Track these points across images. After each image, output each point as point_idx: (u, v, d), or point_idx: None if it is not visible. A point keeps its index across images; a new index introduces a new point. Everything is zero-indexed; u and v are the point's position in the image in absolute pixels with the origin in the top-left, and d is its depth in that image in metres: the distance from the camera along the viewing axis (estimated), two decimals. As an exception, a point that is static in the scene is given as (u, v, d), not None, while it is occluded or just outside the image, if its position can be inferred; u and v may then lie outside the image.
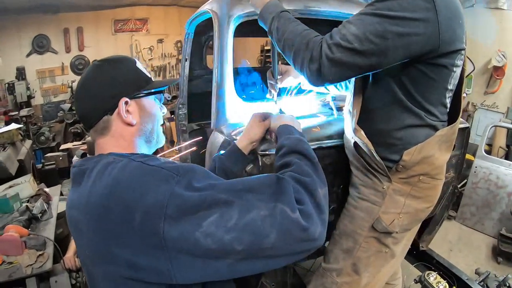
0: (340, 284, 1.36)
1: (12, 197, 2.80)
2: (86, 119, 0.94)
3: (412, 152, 1.15)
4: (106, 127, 0.91)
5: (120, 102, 0.90)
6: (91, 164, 0.85)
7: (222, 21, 1.67)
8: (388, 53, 1.00)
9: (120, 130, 0.92)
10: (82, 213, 0.81)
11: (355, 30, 1.00)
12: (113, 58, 0.97)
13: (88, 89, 0.92)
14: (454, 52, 1.06)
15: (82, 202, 0.81)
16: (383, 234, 1.28)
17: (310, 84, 1.13)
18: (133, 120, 0.92)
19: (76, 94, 0.96)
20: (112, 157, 0.84)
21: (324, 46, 1.03)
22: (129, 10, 7.73)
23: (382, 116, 1.19)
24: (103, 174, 0.78)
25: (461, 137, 1.87)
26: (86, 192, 0.80)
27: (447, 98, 1.16)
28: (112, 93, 0.90)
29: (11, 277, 2.14)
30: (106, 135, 0.92)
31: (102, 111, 0.91)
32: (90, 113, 0.92)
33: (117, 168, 0.77)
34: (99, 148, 0.93)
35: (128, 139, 0.93)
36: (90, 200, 0.77)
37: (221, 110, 1.59)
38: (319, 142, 1.38)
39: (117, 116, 0.91)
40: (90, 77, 0.93)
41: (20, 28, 6.77)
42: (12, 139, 4.16)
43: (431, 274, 2.13)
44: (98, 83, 0.91)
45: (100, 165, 0.82)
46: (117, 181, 0.75)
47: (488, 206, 3.55)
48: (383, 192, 1.24)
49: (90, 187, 0.79)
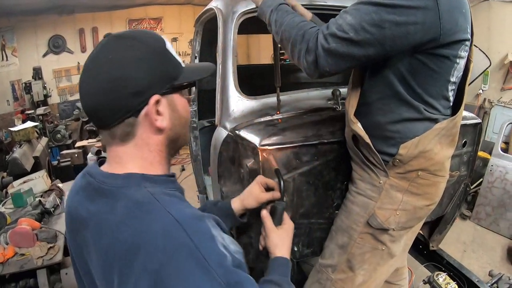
0: (334, 280, 1.34)
1: (26, 192, 2.89)
2: (97, 119, 0.71)
3: (409, 146, 1.12)
4: (128, 133, 0.70)
5: (150, 101, 0.68)
6: (115, 186, 0.69)
7: (226, 17, 1.68)
8: (385, 42, 0.98)
9: (146, 137, 0.72)
10: (97, 242, 0.68)
11: (351, 20, 0.98)
12: (136, 35, 0.72)
13: (103, 79, 0.67)
14: (456, 43, 1.02)
15: (98, 231, 0.68)
16: (378, 231, 1.24)
17: (308, 75, 1.11)
18: (164, 124, 0.72)
19: (84, 83, 0.70)
20: (142, 191, 0.67)
21: (320, 37, 1.02)
22: (143, 10, 7.83)
23: (380, 108, 1.16)
24: (134, 218, 0.63)
25: (473, 134, 1.82)
26: (107, 223, 0.66)
27: (449, 91, 1.12)
28: (138, 86, 0.67)
29: (22, 268, 2.22)
30: (127, 143, 0.71)
31: (124, 111, 0.68)
32: (105, 112, 0.69)
33: (156, 233, 0.60)
34: (115, 158, 0.73)
35: (154, 149, 0.73)
36: (115, 244, 0.63)
37: (225, 106, 1.60)
38: (321, 137, 1.36)
39: (145, 118, 0.70)
40: (105, 62, 0.68)
41: (36, 29, 6.95)
42: (28, 137, 4.30)
43: (441, 275, 2.08)
44: (116, 71, 0.67)
45: (128, 199, 0.66)
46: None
47: (504, 206, 3.45)
48: (379, 187, 1.21)
49: (117, 225, 0.64)
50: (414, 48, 1.01)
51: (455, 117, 1.14)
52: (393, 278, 1.82)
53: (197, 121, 2.71)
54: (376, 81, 1.14)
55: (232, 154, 1.47)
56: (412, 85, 1.08)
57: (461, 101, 1.19)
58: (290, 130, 1.36)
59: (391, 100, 1.13)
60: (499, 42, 4.15)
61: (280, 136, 1.32)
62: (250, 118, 1.51)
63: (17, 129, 4.32)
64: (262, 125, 1.43)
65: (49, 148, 5.36)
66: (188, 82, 0.76)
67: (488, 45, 4.23)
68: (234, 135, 1.43)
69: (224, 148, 1.47)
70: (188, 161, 5.50)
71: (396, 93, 1.10)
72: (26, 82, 6.67)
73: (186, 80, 0.75)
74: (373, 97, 1.18)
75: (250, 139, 1.33)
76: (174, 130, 0.75)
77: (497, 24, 4.19)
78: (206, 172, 2.67)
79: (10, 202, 2.91)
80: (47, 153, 4.72)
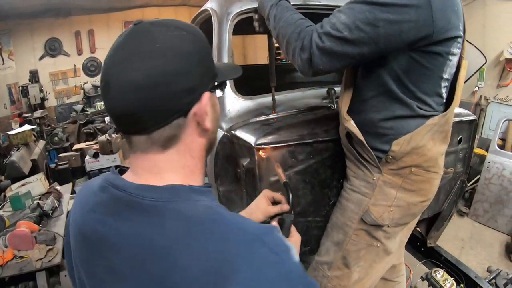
0: (330, 277, 1.35)
1: (24, 195, 2.89)
2: (134, 121, 0.57)
3: (401, 142, 1.13)
4: (174, 137, 0.60)
5: (204, 98, 0.60)
6: (159, 201, 0.58)
7: (221, 18, 1.68)
8: (379, 41, 0.99)
9: (190, 141, 0.62)
10: (136, 270, 0.56)
11: (345, 19, 0.99)
12: (180, 25, 0.61)
13: (148, 71, 0.55)
14: (449, 40, 1.03)
15: (139, 256, 0.56)
16: (373, 227, 1.25)
17: (302, 73, 1.12)
18: (209, 125, 0.63)
19: (115, 73, 0.56)
20: (197, 205, 0.58)
21: (314, 35, 1.03)
22: (140, 12, 7.82)
23: (373, 106, 1.17)
24: (196, 239, 0.53)
25: (468, 130, 1.83)
26: (155, 247, 0.54)
27: (442, 87, 1.13)
28: (192, 82, 0.58)
29: (21, 270, 2.22)
30: (169, 150, 0.61)
31: (173, 110, 0.58)
32: (153, 112, 0.56)
33: (235, 253, 0.52)
34: (151, 168, 0.62)
35: (197, 154, 0.65)
36: (175, 271, 0.52)
37: (220, 106, 1.60)
38: (316, 135, 1.37)
39: (193, 119, 0.61)
40: (150, 50, 0.56)
41: (33, 32, 6.94)
42: (26, 140, 4.29)
43: (438, 271, 2.09)
44: (168, 63, 0.55)
45: (183, 215, 0.56)
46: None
47: (501, 203, 3.46)
48: (373, 183, 1.22)
49: (172, 248, 0.53)
50: (408, 46, 1.02)
51: (447, 113, 1.15)
52: (391, 275, 1.83)
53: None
54: (369, 79, 1.15)
55: (228, 153, 1.47)
56: (406, 83, 1.09)
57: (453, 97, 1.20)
58: (286, 129, 1.37)
59: (384, 98, 1.14)
60: (494, 39, 4.16)
61: (276, 135, 1.32)
62: (246, 118, 1.52)
63: (14, 133, 4.32)
64: (258, 124, 1.44)
65: (47, 151, 5.36)
66: (225, 79, 0.69)
67: (484, 43, 4.25)
68: (230, 135, 1.44)
69: (220, 148, 1.48)
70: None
71: (389, 91, 1.11)
72: (23, 86, 6.65)
73: (225, 78, 0.68)
74: (366, 95, 1.19)
75: (246, 139, 1.33)
76: (214, 133, 0.68)
77: (492, 21, 4.20)
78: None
79: (8, 205, 2.91)
80: (44, 156, 4.71)
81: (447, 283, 1.99)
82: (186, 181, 0.62)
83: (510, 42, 3.93)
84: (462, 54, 1.15)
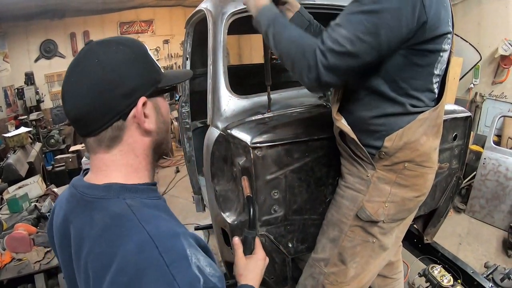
0: (327, 274, 1.35)
1: (21, 197, 2.89)
2: (84, 124, 0.69)
3: (394, 138, 1.13)
4: (116, 137, 0.70)
5: (139, 103, 0.69)
6: (95, 197, 0.68)
7: (216, 18, 1.68)
8: (382, 48, 1.00)
9: (132, 142, 0.71)
10: (78, 258, 0.67)
11: (345, 33, 0.99)
12: (120, 40, 0.73)
13: (91, 82, 0.66)
14: (440, 37, 1.04)
15: (80, 245, 0.67)
16: (368, 223, 1.26)
17: (310, 91, 1.13)
18: (151, 126, 0.72)
19: (68, 87, 0.69)
20: (120, 203, 0.66)
21: (318, 54, 1.02)
22: (134, 12, 7.80)
23: (364, 105, 1.18)
24: (110, 232, 0.63)
25: (463, 127, 1.84)
26: (87, 237, 0.65)
27: (434, 83, 1.14)
28: (127, 89, 0.68)
29: (20, 273, 2.22)
30: (112, 149, 0.70)
31: (112, 114, 0.68)
32: (94, 116, 0.67)
33: (129, 248, 0.59)
34: (101, 167, 0.72)
35: (140, 153, 0.73)
36: (92, 258, 0.63)
37: (216, 106, 1.61)
38: (311, 134, 1.38)
39: (132, 121, 0.70)
40: (92, 64, 0.67)
41: (28, 34, 6.89)
42: (22, 143, 4.28)
43: (436, 268, 2.10)
44: (105, 73, 0.66)
45: (105, 211, 0.65)
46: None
47: (497, 199, 3.48)
48: (367, 180, 1.22)
49: (94, 238, 0.64)
50: (402, 45, 1.03)
51: (437, 107, 1.16)
52: (389, 272, 1.84)
53: (190, 122, 2.71)
54: (359, 80, 1.15)
55: (224, 153, 1.48)
56: (397, 81, 1.09)
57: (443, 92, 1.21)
58: (281, 127, 1.38)
59: (375, 97, 1.14)
60: (489, 36, 4.18)
61: (271, 134, 1.33)
62: (241, 117, 1.52)
63: (10, 135, 4.30)
64: (253, 123, 1.44)
65: (43, 153, 5.33)
66: (170, 85, 0.77)
67: (479, 40, 4.27)
68: (226, 134, 1.45)
69: (216, 148, 1.48)
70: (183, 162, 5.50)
71: (380, 91, 1.12)
72: (19, 88, 6.60)
73: (169, 83, 0.76)
74: (356, 95, 1.19)
75: (242, 138, 1.34)
76: (159, 134, 0.76)
77: (487, 18, 4.21)
78: (200, 173, 2.68)
79: (5, 208, 2.91)
80: (41, 158, 4.70)
81: (444, 279, 2.00)
82: (128, 178, 0.71)
83: (504, 39, 3.94)
84: (451, 49, 1.16)
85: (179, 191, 4.86)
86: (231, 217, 1.45)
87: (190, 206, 3.77)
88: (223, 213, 1.47)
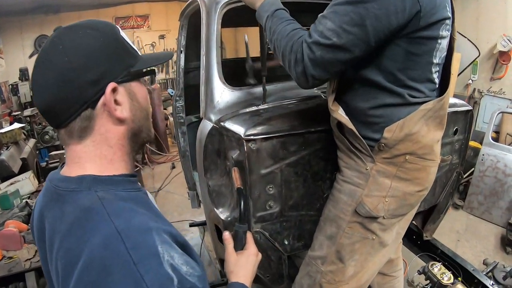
0: (324, 272, 1.30)
1: (13, 194, 2.84)
2: (53, 116, 0.66)
3: (394, 129, 1.08)
4: (86, 128, 0.65)
5: (107, 89, 0.64)
6: (66, 190, 0.65)
7: (209, 8, 1.64)
8: (369, 39, 0.95)
9: (104, 131, 0.67)
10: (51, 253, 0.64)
11: (331, 25, 0.96)
12: (88, 24, 0.68)
13: (55, 71, 0.62)
14: (437, 23, 0.99)
15: (52, 240, 0.64)
16: (367, 219, 1.20)
17: (300, 86, 1.09)
18: (124, 114, 0.67)
19: (35, 78, 0.66)
20: (91, 195, 0.62)
21: (304, 47, 1.00)
22: (130, 7, 7.75)
23: (361, 95, 1.13)
24: (79, 226, 0.59)
25: (464, 121, 1.80)
26: (58, 232, 0.62)
27: (433, 73, 1.09)
28: (93, 75, 0.63)
29: (10, 271, 2.18)
30: (84, 139, 0.66)
31: (79, 103, 0.63)
32: (60, 106, 0.64)
33: (96, 243, 0.55)
34: (74, 159, 0.68)
35: (115, 143, 0.68)
36: (62, 254, 0.60)
37: (209, 98, 1.56)
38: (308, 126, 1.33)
39: (102, 110, 0.65)
40: (56, 52, 0.63)
41: (22, 30, 6.85)
42: (15, 139, 4.21)
43: (435, 265, 2.06)
44: (70, 60, 0.62)
45: (76, 204, 0.62)
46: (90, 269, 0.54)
47: (496, 195, 3.46)
48: (366, 173, 1.17)
49: (64, 233, 0.60)
50: (396, 34, 0.98)
51: (443, 98, 1.11)
52: (388, 270, 1.80)
53: (184, 116, 2.66)
54: (354, 71, 1.11)
55: (217, 146, 1.43)
56: (393, 72, 1.05)
57: (448, 82, 1.16)
58: (276, 119, 1.33)
59: (371, 88, 1.10)
60: (488, 32, 4.15)
61: (266, 126, 1.28)
62: (235, 109, 1.48)
63: (3, 131, 4.23)
64: (248, 115, 1.39)
65: (38, 149, 5.27)
66: (145, 68, 0.72)
67: (477, 35, 4.24)
68: (219, 127, 1.39)
69: (209, 141, 1.43)
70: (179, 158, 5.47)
71: (376, 82, 1.07)
72: (13, 84, 6.56)
73: (143, 66, 0.71)
74: (352, 86, 1.15)
75: (235, 130, 1.29)
76: (135, 122, 0.71)
77: (485, 14, 4.19)
78: (195, 168, 2.63)
79: (-4, 205, 2.85)
80: (35, 155, 4.64)
81: (444, 277, 1.96)
82: (102, 170, 0.67)
83: (503, 35, 3.92)
84: (453, 35, 1.12)
85: (174, 187, 4.83)
86: (224, 213, 1.40)
87: (185, 202, 3.73)
88: (216, 209, 1.42)
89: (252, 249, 1.05)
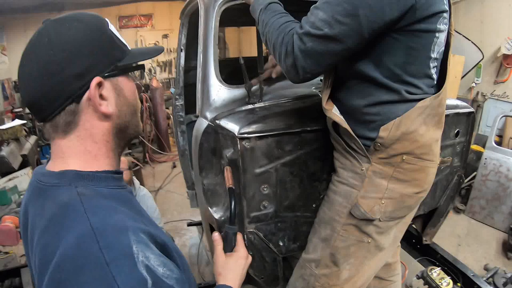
0: (318, 276, 1.27)
1: (11, 189, 2.85)
2: (38, 109, 0.65)
3: (390, 127, 1.05)
4: (71, 122, 0.64)
5: (92, 84, 0.63)
6: (47, 185, 0.64)
7: (208, 5, 1.62)
8: (363, 30, 0.93)
9: (89, 126, 0.65)
10: (31, 250, 0.64)
11: (323, 15, 0.93)
12: (76, 16, 0.66)
13: (40, 64, 0.62)
14: (434, 15, 0.97)
15: (32, 236, 0.63)
16: (363, 222, 1.17)
17: (290, 80, 1.07)
18: (109, 110, 0.66)
19: (20, 70, 0.65)
20: (71, 191, 0.61)
21: (295, 38, 0.97)
22: (134, 6, 7.77)
23: (356, 92, 1.10)
24: (56, 222, 0.57)
25: (466, 123, 1.77)
26: (38, 228, 0.61)
27: (431, 68, 1.06)
28: (78, 68, 0.62)
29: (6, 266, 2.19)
30: (69, 134, 0.65)
31: (63, 97, 0.62)
32: (45, 100, 0.63)
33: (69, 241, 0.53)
34: (58, 153, 0.66)
35: (99, 139, 0.67)
36: (39, 251, 0.58)
37: (206, 96, 1.54)
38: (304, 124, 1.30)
39: (87, 104, 0.64)
40: (42, 45, 0.62)
41: (26, 27, 6.88)
42: (16, 135, 4.23)
43: (434, 270, 2.03)
44: (54, 53, 0.61)
45: (54, 200, 0.60)
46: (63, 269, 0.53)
47: (498, 199, 3.43)
48: (362, 174, 1.14)
49: (42, 229, 0.59)
50: (391, 27, 0.95)
51: (440, 94, 1.07)
52: (386, 274, 1.76)
53: (184, 115, 2.64)
54: (349, 66, 1.08)
55: (213, 145, 1.41)
56: (390, 67, 1.02)
57: (445, 78, 1.13)
58: (272, 117, 1.30)
59: (367, 84, 1.07)
60: (492, 35, 4.13)
61: (261, 124, 1.25)
62: (231, 108, 1.45)
63: (4, 128, 4.25)
64: (243, 113, 1.36)
65: (39, 146, 5.28)
66: (133, 63, 0.71)
67: (481, 38, 4.21)
68: (214, 125, 1.37)
69: (204, 139, 1.41)
70: (179, 158, 5.48)
71: (372, 78, 1.05)
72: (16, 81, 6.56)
73: (131, 61, 0.70)
74: (348, 83, 1.12)
75: (229, 128, 1.26)
76: (121, 118, 0.70)
77: (489, 17, 4.17)
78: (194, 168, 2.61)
79: (-6, 201, 2.85)
80: (36, 152, 4.66)
81: (443, 282, 1.93)
82: (86, 166, 0.66)
83: (507, 38, 3.89)
84: (450, 30, 1.09)
85: (175, 186, 4.82)
86: (218, 212, 1.38)
87: (185, 202, 3.72)
88: (210, 208, 1.40)
89: (242, 252, 1.03)
